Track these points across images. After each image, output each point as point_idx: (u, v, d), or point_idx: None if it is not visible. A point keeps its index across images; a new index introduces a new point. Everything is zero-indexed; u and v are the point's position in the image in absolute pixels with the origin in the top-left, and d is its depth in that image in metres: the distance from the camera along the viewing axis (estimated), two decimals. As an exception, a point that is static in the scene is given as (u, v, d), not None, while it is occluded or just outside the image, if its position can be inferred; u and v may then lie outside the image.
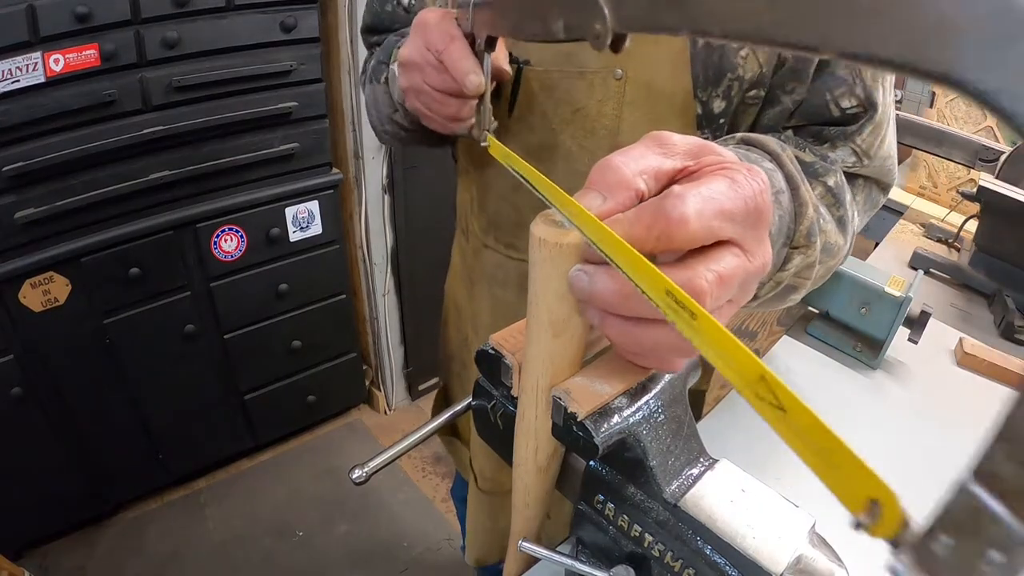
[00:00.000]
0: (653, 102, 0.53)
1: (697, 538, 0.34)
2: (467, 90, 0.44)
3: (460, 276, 0.80)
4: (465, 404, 0.46)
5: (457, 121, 0.48)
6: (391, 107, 0.60)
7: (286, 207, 1.47)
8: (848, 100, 0.50)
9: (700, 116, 0.53)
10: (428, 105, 0.49)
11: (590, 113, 0.55)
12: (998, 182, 0.97)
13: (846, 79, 0.50)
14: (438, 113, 0.48)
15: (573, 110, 0.56)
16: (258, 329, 1.56)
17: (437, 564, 1.54)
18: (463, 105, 0.47)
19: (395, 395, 1.96)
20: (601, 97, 0.54)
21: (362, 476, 0.42)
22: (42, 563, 1.45)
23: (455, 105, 0.47)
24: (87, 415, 1.38)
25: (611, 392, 0.34)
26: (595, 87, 0.54)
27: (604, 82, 0.54)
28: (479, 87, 0.44)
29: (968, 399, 0.76)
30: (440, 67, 0.45)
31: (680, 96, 0.52)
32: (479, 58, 0.43)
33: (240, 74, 1.27)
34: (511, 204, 0.63)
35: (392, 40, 0.62)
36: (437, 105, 0.48)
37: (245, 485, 1.70)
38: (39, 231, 1.17)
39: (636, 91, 0.53)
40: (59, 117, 1.11)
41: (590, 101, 0.55)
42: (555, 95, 0.56)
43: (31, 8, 1.02)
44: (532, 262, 0.31)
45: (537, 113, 0.57)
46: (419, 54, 0.46)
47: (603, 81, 0.54)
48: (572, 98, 0.55)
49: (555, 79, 0.55)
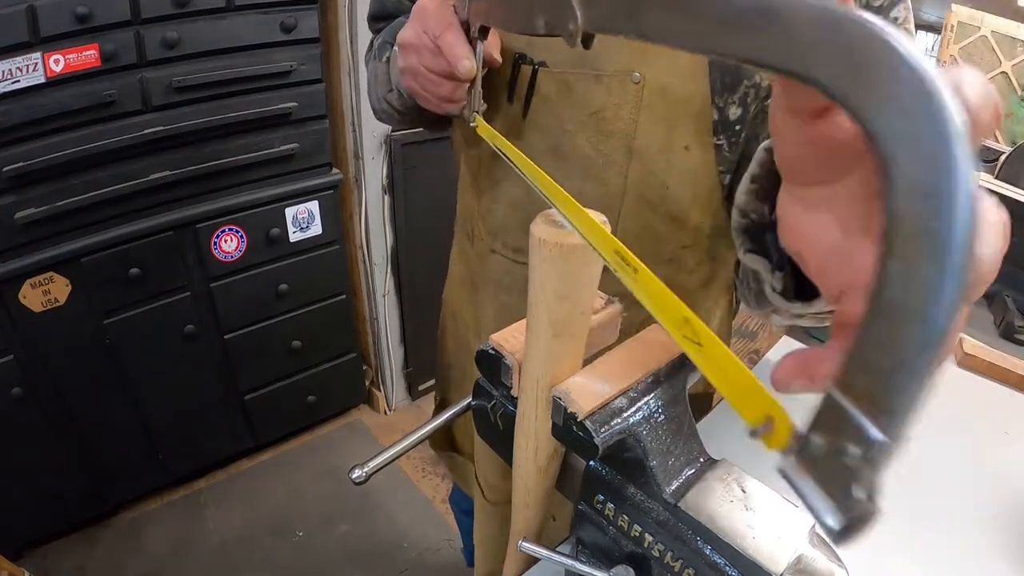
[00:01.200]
0: (669, 107, 0.53)
1: (697, 538, 0.34)
2: (460, 74, 0.46)
3: (461, 283, 0.79)
4: (465, 404, 0.46)
5: (450, 103, 0.51)
6: (388, 87, 0.63)
7: (286, 207, 1.47)
8: None
9: (717, 122, 0.53)
10: (424, 86, 0.51)
11: (606, 116, 0.55)
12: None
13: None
14: (432, 94, 0.51)
15: (589, 113, 0.55)
16: (258, 329, 1.56)
17: (437, 565, 1.54)
18: (456, 88, 0.49)
19: (395, 395, 1.96)
20: (618, 101, 0.54)
21: (362, 476, 0.42)
22: (42, 563, 1.45)
23: (448, 87, 0.49)
24: (87, 415, 1.38)
25: (611, 392, 0.34)
26: (612, 90, 0.54)
27: (621, 85, 0.53)
28: (471, 71, 0.46)
29: (968, 399, 0.76)
30: (436, 51, 0.47)
31: (697, 102, 0.53)
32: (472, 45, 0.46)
33: (240, 74, 1.27)
34: (523, 211, 0.63)
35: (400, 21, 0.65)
36: (432, 86, 0.50)
37: (245, 485, 1.70)
38: (39, 231, 1.17)
39: (653, 95, 0.53)
40: (59, 117, 1.11)
41: (607, 104, 0.54)
42: (571, 98, 0.56)
43: (31, 8, 1.02)
44: (532, 262, 0.31)
45: (552, 115, 0.57)
46: (417, 37, 0.49)
47: (620, 84, 0.53)
48: (588, 101, 0.55)
49: (571, 81, 0.55)
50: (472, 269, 0.74)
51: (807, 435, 0.16)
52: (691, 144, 0.55)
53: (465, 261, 0.77)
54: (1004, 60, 1.25)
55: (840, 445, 0.15)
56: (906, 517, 0.59)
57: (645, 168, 0.56)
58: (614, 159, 0.56)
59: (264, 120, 1.34)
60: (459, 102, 0.51)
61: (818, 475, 0.16)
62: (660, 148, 0.55)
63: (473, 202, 0.70)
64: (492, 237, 0.67)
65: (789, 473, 0.16)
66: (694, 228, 0.60)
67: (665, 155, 0.55)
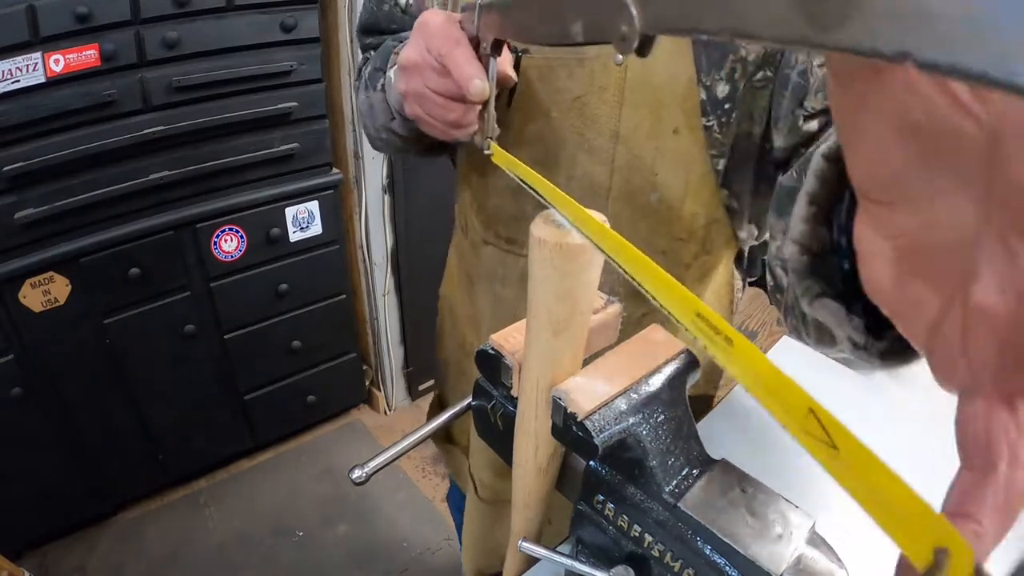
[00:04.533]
0: (654, 88, 0.53)
1: (697, 538, 0.34)
2: (471, 96, 0.41)
3: (457, 278, 0.79)
4: (465, 404, 0.46)
5: (459, 128, 0.46)
6: (388, 115, 0.59)
7: (286, 207, 1.47)
8: None
9: (704, 102, 0.52)
10: (429, 111, 0.47)
11: (590, 101, 0.54)
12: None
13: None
14: (439, 119, 0.46)
15: (573, 98, 0.55)
16: (258, 329, 1.56)
17: (436, 564, 1.54)
18: (466, 111, 0.45)
19: (395, 395, 1.96)
20: (602, 84, 0.53)
21: (362, 476, 0.42)
22: (42, 563, 1.45)
23: (458, 111, 0.45)
24: (87, 415, 1.38)
25: (611, 392, 0.34)
26: (595, 74, 0.53)
27: (604, 69, 0.53)
28: (483, 93, 0.42)
29: (968, 399, 0.76)
30: (443, 71, 0.43)
31: (682, 82, 0.52)
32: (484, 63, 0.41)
33: (240, 74, 1.27)
34: (513, 200, 0.62)
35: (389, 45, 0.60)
36: (439, 110, 0.45)
37: (245, 485, 1.70)
38: (39, 231, 1.17)
39: (637, 77, 0.52)
40: (59, 117, 1.11)
41: (590, 89, 0.54)
42: (555, 84, 0.55)
43: (31, 8, 1.02)
44: (532, 262, 0.31)
45: (536, 103, 0.56)
46: (421, 57, 0.44)
47: (603, 68, 0.53)
48: (572, 86, 0.54)
49: (555, 67, 0.54)
50: (467, 262, 0.73)
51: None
52: (679, 127, 0.53)
53: (460, 255, 0.76)
54: (1004, 60, 1.26)
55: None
56: (906, 517, 0.59)
57: (632, 153, 0.55)
58: (600, 144, 0.55)
59: (264, 120, 1.34)
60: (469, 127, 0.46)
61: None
62: (648, 132, 0.54)
63: (466, 195, 0.70)
64: (484, 228, 0.67)
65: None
66: (688, 218, 0.59)
67: (653, 140, 0.54)
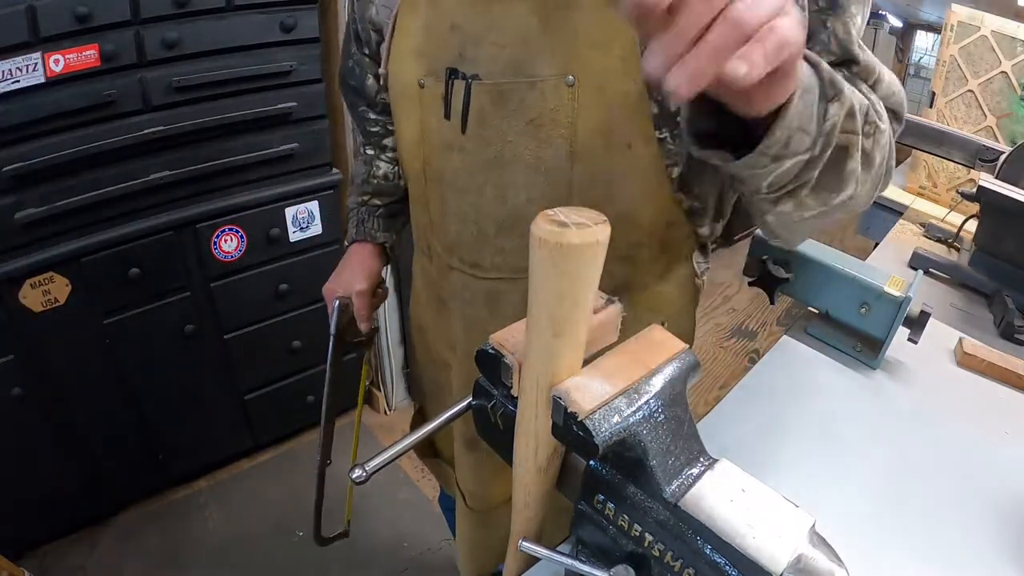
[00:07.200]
0: (607, 105, 0.53)
1: (697, 538, 0.34)
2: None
3: (426, 300, 0.79)
4: (465, 404, 0.46)
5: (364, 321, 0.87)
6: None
7: (286, 207, 1.47)
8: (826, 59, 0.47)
9: (657, 116, 0.53)
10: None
11: (544, 123, 0.55)
12: (998, 182, 0.97)
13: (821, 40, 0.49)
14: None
15: (527, 120, 0.55)
16: (258, 329, 1.56)
17: (437, 565, 1.54)
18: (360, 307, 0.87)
19: (395, 395, 1.96)
20: (554, 105, 0.54)
21: (362, 476, 0.42)
22: (42, 563, 1.45)
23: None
24: (87, 415, 1.38)
25: (611, 392, 0.34)
26: (547, 96, 0.53)
27: (556, 90, 0.53)
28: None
29: (968, 399, 0.76)
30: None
31: (634, 97, 0.52)
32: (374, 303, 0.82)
33: (240, 74, 1.27)
34: (473, 223, 0.62)
35: (361, 184, 0.96)
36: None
37: (245, 485, 1.70)
38: (39, 231, 1.17)
39: (588, 96, 0.53)
40: (59, 117, 1.11)
41: (543, 110, 0.54)
42: (507, 107, 0.55)
43: (31, 8, 1.02)
44: (532, 262, 0.31)
45: (491, 127, 0.57)
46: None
47: (555, 89, 0.53)
48: (525, 108, 0.55)
49: (506, 91, 0.55)
50: (435, 284, 0.74)
51: None
52: (633, 141, 0.54)
53: (427, 278, 0.77)
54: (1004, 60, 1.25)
55: None
56: (906, 517, 0.59)
57: (588, 170, 0.56)
58: (557, 164, 0.56)
59: (264, 120, 1.34)
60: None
61: None
62: (602, 149, 0.55)
63: (423, 218, 0.70)
64: (448, 253, 0.67)
65: None
66: (647, 225, 0.60)
67: (608, 155, 0.55)
